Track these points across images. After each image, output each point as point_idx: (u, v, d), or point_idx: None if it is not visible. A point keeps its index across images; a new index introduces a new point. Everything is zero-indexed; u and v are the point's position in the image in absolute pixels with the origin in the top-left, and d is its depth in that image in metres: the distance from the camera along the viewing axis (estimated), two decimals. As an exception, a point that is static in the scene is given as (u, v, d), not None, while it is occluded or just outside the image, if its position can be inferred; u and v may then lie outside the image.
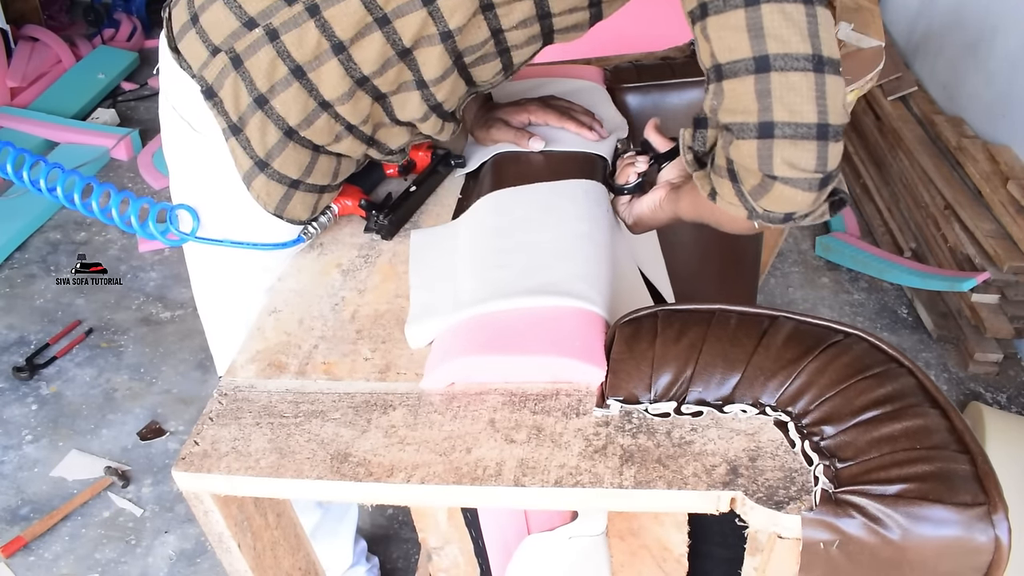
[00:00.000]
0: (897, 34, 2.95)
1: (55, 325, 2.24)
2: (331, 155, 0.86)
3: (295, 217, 0.88)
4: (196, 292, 1.04)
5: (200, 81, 0.81)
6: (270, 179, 0.83)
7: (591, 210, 0.86)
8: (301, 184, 0.85)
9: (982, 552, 0.53)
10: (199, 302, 1.05)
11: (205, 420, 0.70)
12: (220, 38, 0.79)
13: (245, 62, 0.78)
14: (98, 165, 2.91)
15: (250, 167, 0.83)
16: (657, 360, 0.66)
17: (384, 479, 0.63)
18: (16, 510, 1.75)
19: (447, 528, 1.00)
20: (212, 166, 0.85)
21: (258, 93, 0.79)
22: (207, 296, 1.03)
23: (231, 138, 0.82)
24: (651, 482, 0.60)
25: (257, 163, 0.82)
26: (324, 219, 0.92)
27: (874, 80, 1.59)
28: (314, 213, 0.90)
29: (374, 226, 0.92)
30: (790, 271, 2.44)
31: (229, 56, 0.78)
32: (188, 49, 0.82)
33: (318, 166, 0.85)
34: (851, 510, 0.55)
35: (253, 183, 0.84)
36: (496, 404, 0.68)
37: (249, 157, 0.82)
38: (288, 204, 0.86)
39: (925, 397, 0.60)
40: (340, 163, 0.88)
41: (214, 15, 0.79)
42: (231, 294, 0.97)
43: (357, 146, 0.86)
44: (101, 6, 3.75)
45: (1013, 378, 2.07)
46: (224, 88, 0.79)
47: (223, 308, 1.00)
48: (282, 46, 0.77)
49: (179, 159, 0.91)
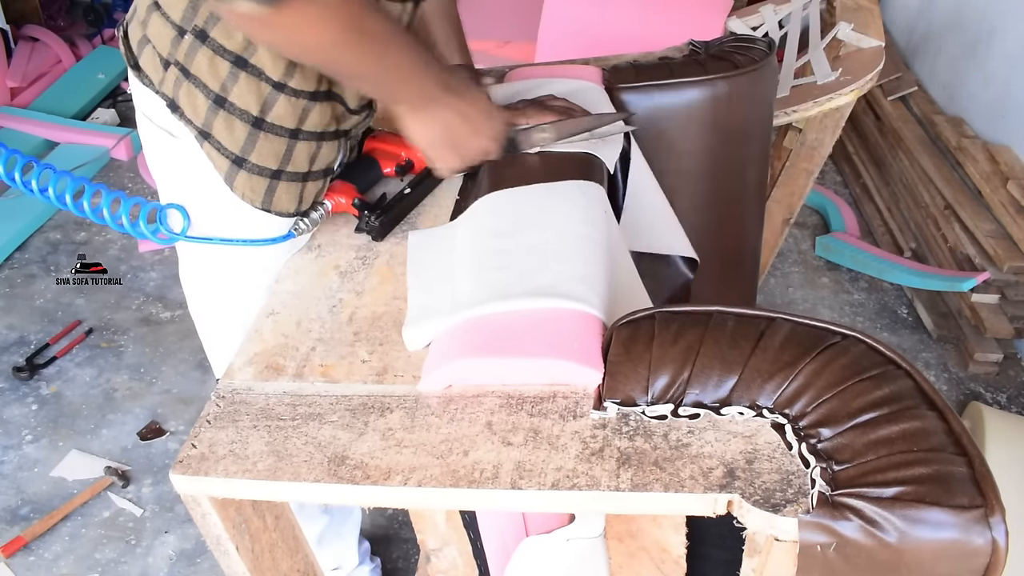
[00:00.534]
0: (897, 34, 2.95)
1: (55, 325, 2.24)
2: (308, 140, 0.86)
3: (283, 209, 0.88)
4: (190, 295, 1.03)
5: (163, 96, 0.82)
6: (250, 174, 0.84)
7: (589, 212, 0.86)
8: (283, 174, 0.86)
9: (979, 555, 0.53)
10: (193, 305, 1.04)
11: (202, 423, 0.70)
12: (165, 50, 0.81)
13: (190, 69, 0.79)
14: (98, 165, 2.91)
15: (228, 167, 0.84)
16: (654, 362, 0.66)
17: (381, 482, 0.63)
18: (16, 510, 1.75)
19: (446, 530, 1.00)
20: (194, 169, 0.85)
21: (214, 94, 0.80)
22: (203, 299, 1.02)
23: (204, 143, 0.83)
24: (648, 485, 0.60)
25: (234, 161, 0.83)
26: (316, 215, 0.91)
27: (874, 80, 1.58)
28: (301, 204, 0.89)
29: (365, 227, 0.92)
30: (790, 271, 2.44)
31: (177, 68, 0.80)
32: (147, 65, 0.83)
33: (296, 153, 0.85)
34: (848, 513, 0.55)
35: (235, 182, 0.84)
36: (493, 406, 0.68)
37: (225, 157, 0.83)
38: (273, 196, 0.86)
39: (922, 399, 0.60)
40: (319, 148, 0.88)
41: (155, 28, 0.81)
42: (229, 295, 0.96)
43: (326, 112, 0.86)
44: (101, 6, 3.75)
45: (1013, 378, 2.07)
46: (181, 99, 0.81)
47: (220, 310, 1.00)
48: (215, 43, 0.78)
49: (162, 166, 0.91)
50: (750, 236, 1.40)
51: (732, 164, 1.22)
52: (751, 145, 1.24)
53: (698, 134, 1.16)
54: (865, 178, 2.69)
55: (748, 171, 1.26)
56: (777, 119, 1.49)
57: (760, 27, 1.86)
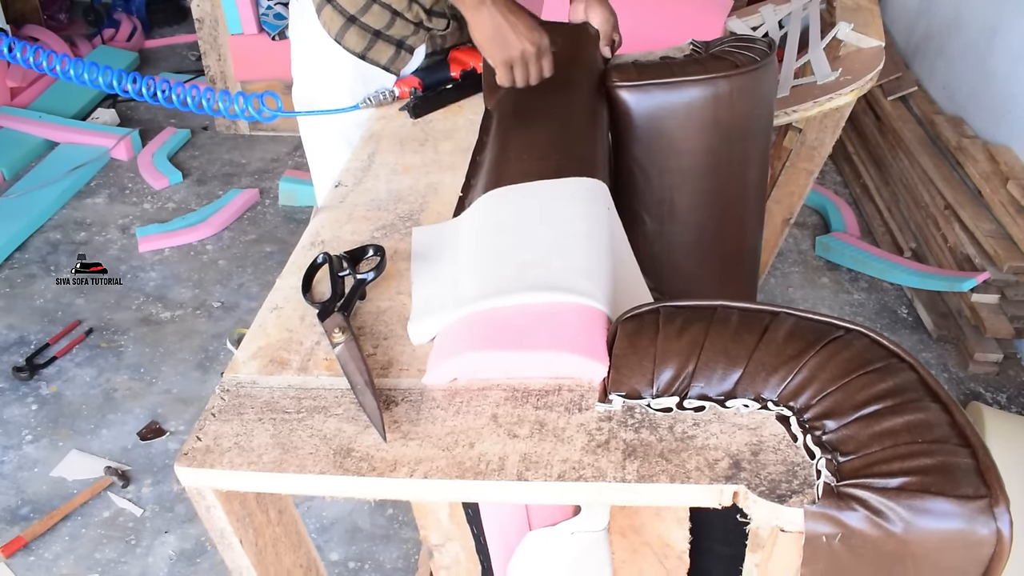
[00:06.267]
0: (897, 34, 2.95)
1: (55, 325, 2.24)
2: (384, 8, 1.20)
3: (351, 47, 1.21)
4: (307, 147, 1.40)
5: None
6: (334, 10, 1.20)
7: (592, 208, 0.86)
8: (356, 20, 1.20)
9: (984, 545, 0.54)
10: (310, 154, 1.41)
11: (207, 416, 0.70)
12: None
13: None
14: (98, 165, 2.91)
15: (320, 2, 1.21)
16: (659, 356, 0.66)
17: (387, 474, 0.63)
18: (16, 510, 1.75)
19: (448, 525, 1.00)
20: (308, 38, 1.25)
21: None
22: (316, 149, 1.38)
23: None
24: (654, 476, 0.60)
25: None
26: (382, 95, 1.19)
27: (874, 80, 1.59)
28: (367, 52, 1.22)
29: (407, 106, 1.18)
30: (790, 271, 2.44)
31: None
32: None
33: (371, 11, 1.20)
34: (853, 503, 0.55)
35: (322, 12, 1.21)
36: (498, 399, 0.68)
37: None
38: (345, 34, 1.21)
39: (926, 392, 0.60)
40: (393, 20, 1.21)
41: None
42: (326, 151, 1.33)
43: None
44: (101, 6, 3.75)
45: (1013, 378, 2.07)
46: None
47: (328, 155, 1.33)
48: None
49: (294, 42, 1.31)
50: (750, 236, 1.40)
51: (732, 163, 1.23)
52: (751, 144, 1.24)
53: (699, 133, 1.16)
54: (865, 178, 2.69)
55: (748, 170, 1.27)
56: (777, 119, 1.49)
57: (760, 27, 1.87)
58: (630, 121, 1.14)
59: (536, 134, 1.03)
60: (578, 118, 1.06)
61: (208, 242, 2.58)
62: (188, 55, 3.72)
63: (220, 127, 3.19)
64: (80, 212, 2.72)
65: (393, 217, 0.96)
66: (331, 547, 1.68)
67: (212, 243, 2.58)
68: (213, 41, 3.00)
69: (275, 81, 2.93)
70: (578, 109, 1.09)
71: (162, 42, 3.85)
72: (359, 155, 1.10)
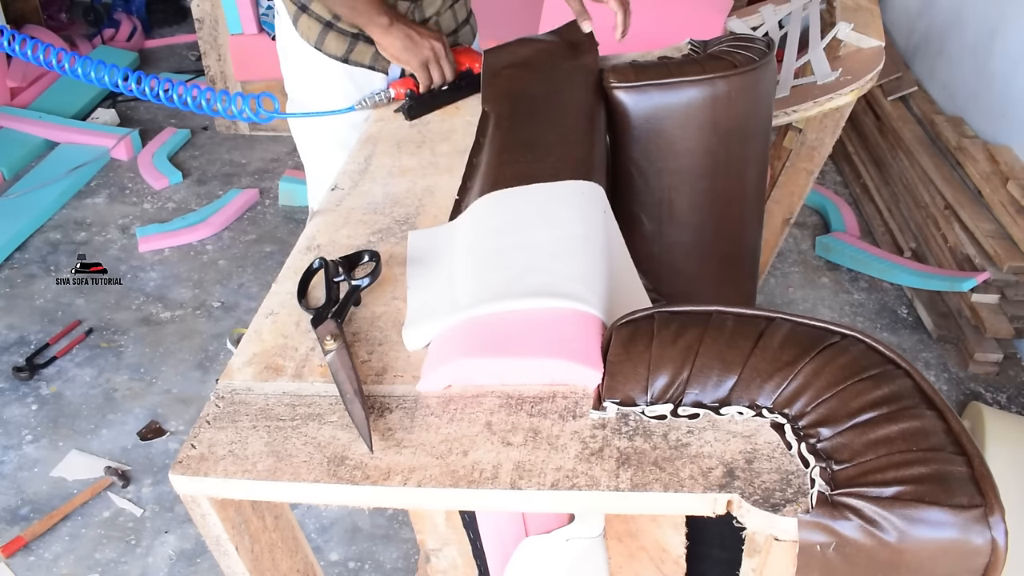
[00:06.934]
0: (897, 34, 2.95)
1: (55, 325, 2.24)
2: None
3: (333, 52, 1.26)
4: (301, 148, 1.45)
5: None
6: (310, 18, 1.24)
7: (588, 212, 0.86)
8: (333, 26, 1.24)
9: (979, 554, 0.53)
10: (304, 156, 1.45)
11: (202, 423, 0.70)
12: None
13: None
14: (98, 165, 2.91)
15: (295, 11, 1.25)
16: (654, 362, 0.66)
17: (381, 482, 0.63)
18: (16, 510, 1.75)
19: (445, 530, 1.00)
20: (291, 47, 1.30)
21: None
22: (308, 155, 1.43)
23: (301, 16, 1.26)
24: (648, 485, 0.60)
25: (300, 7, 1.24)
26: (378, 97, 1.21)
27: (874, 80, 1.58)
28: (349, 55, 1.26)
29: (402, 108, 1.19)
30: (790, 271, 2.44)
31: None
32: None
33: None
34: (848, 512, 0.55)
35: (299, 23, 1.25)
36: (493, 407, 0.68)
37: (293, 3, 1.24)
38: (325, 40, 1.25)
39: (922, 399, 0.60)
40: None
41: None
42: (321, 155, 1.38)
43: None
44: (101, 6, 3.75)
45: (1013, 378, 2.07)
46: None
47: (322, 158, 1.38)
48: None
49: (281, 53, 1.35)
50: (750, 236, 1.39)
51: (732, 163, 1.22)
52: (751, 145, 1.23)
53: (697, 134, 1.16)
54: (865, 178, 2.69)
55: (748, 171, 1.26)
56: (777, 119, 1.49)
57: (760, 27, 1.86)
58: (628, 122, 1.14)
59: (533, 136, 1.02)
60: (575, 119, 1.06)
61: (208, 242, 2.58)
62: (188, 55, 3.71)
63: (220, 127, 3.19)
64: (80, 212, 2.72)
65: (389, 221, 0.96)
66: (331, 547, 1.68)
67: (212, 243, 2.58)
68: (213, 41, 3.00)
69: (275, 81, 2.90)
70: (575, 110, 1.08)
71: (162, 42, 3.85)
72: (356, 158, 1.10)
